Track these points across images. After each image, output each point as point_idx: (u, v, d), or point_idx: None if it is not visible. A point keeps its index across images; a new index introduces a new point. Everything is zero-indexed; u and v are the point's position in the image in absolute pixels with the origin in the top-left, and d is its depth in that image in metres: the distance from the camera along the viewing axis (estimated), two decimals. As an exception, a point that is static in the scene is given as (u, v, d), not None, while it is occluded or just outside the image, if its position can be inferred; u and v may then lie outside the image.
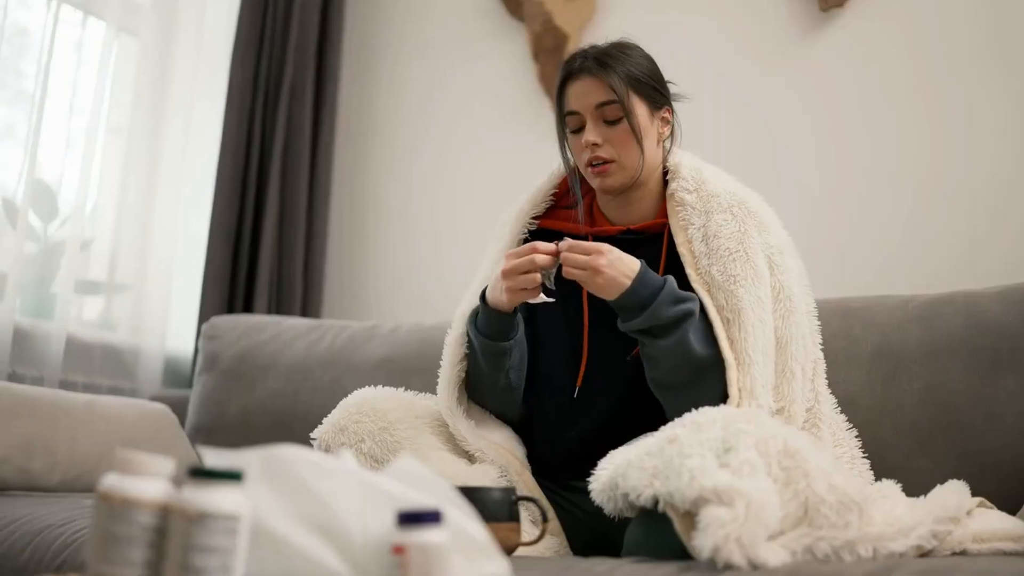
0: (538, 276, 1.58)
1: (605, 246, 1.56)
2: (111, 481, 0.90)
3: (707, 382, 1.58)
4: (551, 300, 1.61)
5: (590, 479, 1.39)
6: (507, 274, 1.59)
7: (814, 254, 2.56)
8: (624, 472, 1.28)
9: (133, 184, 2.87)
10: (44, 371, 2.51)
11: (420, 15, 3.30)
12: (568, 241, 1.57)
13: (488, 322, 1.66)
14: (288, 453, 0.97)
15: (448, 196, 3.15)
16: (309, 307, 3.11)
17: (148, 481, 0.91)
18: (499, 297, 1.62)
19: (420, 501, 0.96)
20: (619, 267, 1.55)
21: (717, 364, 1.58)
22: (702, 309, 1.61)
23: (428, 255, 3.14)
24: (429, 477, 1.00)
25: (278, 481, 0.96)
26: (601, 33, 2.93)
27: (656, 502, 1.23)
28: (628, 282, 1.55)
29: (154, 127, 2.92)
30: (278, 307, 3.05)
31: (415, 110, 3.26)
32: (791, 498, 1.21)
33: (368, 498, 0.96)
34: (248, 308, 2.99)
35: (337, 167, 3.28)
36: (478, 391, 1.75)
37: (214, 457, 0.95)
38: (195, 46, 2.99)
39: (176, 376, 2.95)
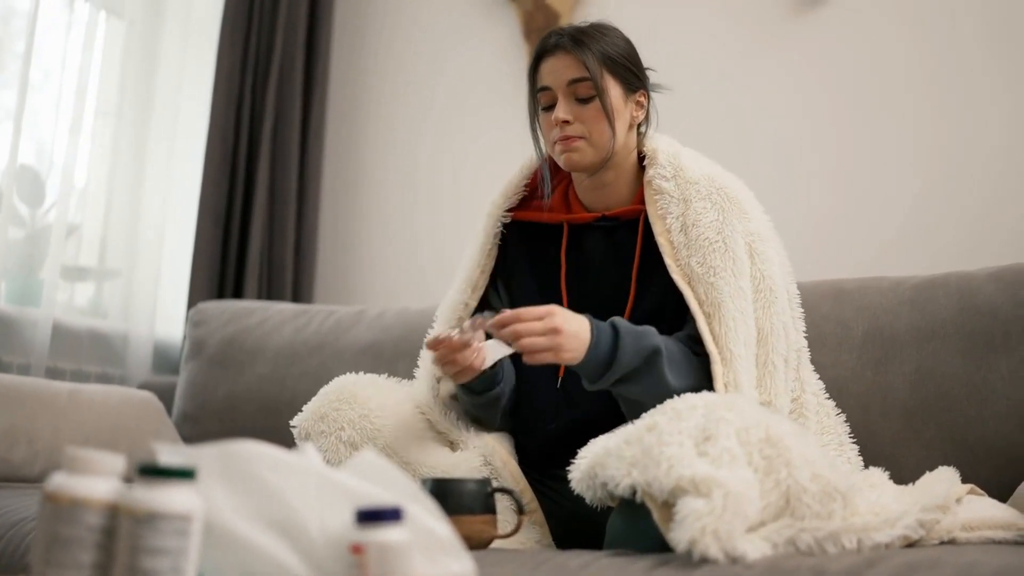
0: (464, 356, 1.50)
1: (551, 307, 1.48)
2: (58, 480, 0.87)
3: None
4: (507, 353, 1.53)
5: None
6: (439, 365, 1.55)
7: (809, 235, 2.54)
8: (602, 461, 1.25)
9: (121, 168, 2.84)
10: (31, 358, 2.48)
11: (410, -6, 3.26)
12: (494, 316, 1.48)
13: (468, 387, 1.63)
14: (245, 449, 0.94)
15: (439, 176, 3.12)
16: (300, 291, 3.08)
17: (97, 480, 0.88)
18: None
19: (381, 497, 0.93)
20: (574, 325, 1.47)
21: (694, 391, 1.54)
22: (684, 305, 1.58)
23: (421, 237, 3.11)
24: (391, 472, 0.96)
25: (235, 478, 0.93)
26: (593, 12, 2.90)
27: (635, 491, 1.20)
28: (587, 338, 1.48)
29: (142, 110, 2.88)
30: (269, 292, 3.02)
31: (406, 91, 3.22)
32: (772, 488, 1.18)
33: (327, 495, 0.93)
34: (238, 293, 2.96)
35: (328, 149, 3.24)
36: (476, 422, 1.74)
37: (168, 454, 0.92)
38: (182, 27, 2.95)
39: (166, 362, 2.93)
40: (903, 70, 2.56)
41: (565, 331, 1.45)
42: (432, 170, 3.13)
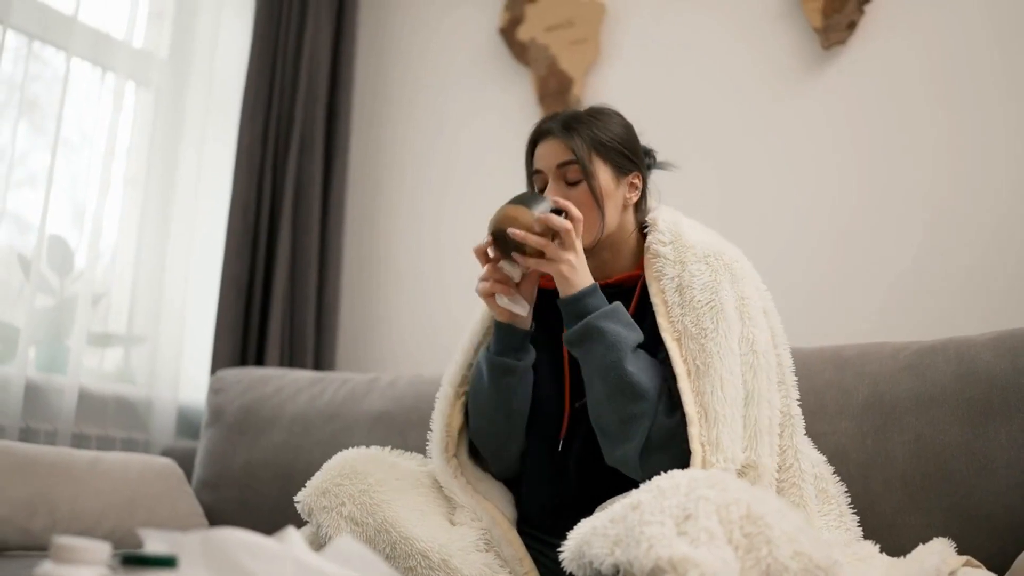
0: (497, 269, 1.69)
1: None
2: (45, 569, 0.91)
3: (638, 419, 1.55)
4: (524, 311, 1.68)
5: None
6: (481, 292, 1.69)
7: (813, 298, 2.55)
8: (588, 539, 1.27)
9: (147, 236, 2.91)
10: (57, 425, 2.54)
11: (428, 64, 3.33)
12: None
13: (499, 338, 1.70)
14: (226, 535, 0.97)
15: (459, 244, 3.15)
16: (322, 358, 3.12)
17: (82, 569, 0.92)
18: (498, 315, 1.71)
19: (357, 583, 0.96)
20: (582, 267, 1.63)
21: (652, 405, 1.57)
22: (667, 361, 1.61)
23: (443, 305, 3.14)
24: (369, 557, 1.00)
25: (216, 564, 0.96)
26: (606, 76, 2.98)
27: (618, 570, 1.22)
28: (585, 283, 1.61)
29: (167, 179, 2.95)
30: (291, 359, 3.06)
31: (425, 159, 3.28)
32: (752, 566, 1.19)
33: (304, 581, 0.96)
34: (260, 359, 3.01)
35: (348, 219, 3.30)
36: (481, 425, 1.75)
37: (154, 541, 0.96)
38: (204, 98, 3.02)
39: (190, 427, 2.98)
40: (901, 138, 2.57)
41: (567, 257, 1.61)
42: (452, 236, 3.17)
